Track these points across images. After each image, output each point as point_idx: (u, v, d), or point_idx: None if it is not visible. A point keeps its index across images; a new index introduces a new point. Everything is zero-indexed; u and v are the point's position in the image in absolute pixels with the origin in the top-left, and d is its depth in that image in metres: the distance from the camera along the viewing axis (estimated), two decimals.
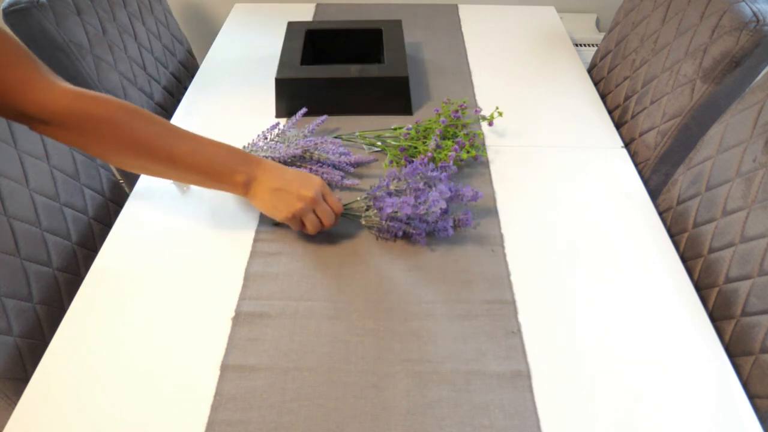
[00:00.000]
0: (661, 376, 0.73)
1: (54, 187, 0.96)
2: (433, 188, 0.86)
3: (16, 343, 0.81)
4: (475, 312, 0.80)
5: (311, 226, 0.85)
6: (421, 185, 0.88)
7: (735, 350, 0.81)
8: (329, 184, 0.99)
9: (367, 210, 0.91)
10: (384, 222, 0.88)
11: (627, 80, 1.28)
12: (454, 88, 1.26)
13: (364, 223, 0.91)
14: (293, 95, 1.16)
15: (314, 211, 0.84)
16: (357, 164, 1.03)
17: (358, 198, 0.92)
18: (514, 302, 0.82)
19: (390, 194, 0.89)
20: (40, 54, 1.10)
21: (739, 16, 1.00)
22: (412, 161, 1.02)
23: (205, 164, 0.79)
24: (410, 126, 1.07)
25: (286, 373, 0.73)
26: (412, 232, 0.88)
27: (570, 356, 0.75)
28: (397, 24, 1.31)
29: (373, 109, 1.17)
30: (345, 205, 0.93)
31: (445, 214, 0.89)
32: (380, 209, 0.88)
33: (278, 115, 1.18)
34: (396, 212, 0.86)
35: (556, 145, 1.11)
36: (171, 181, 1.01)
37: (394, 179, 0.89)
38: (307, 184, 0.82)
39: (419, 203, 0.85)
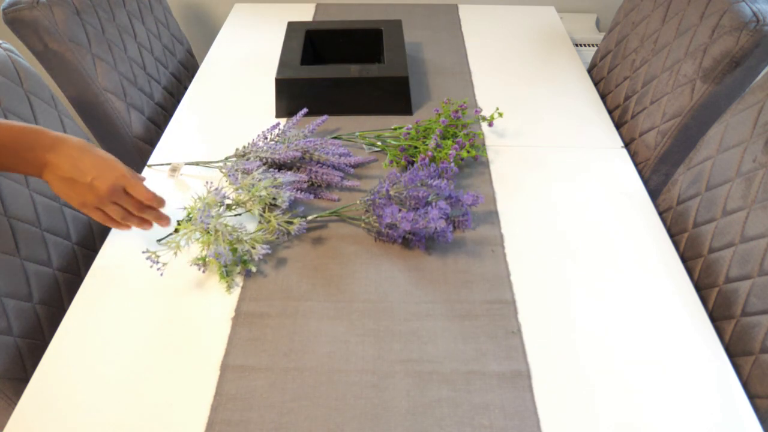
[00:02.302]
0: (661, 376, 0.73)
1: None
2: (433, 204, 0.85)
3: (16, 343, 0.81)
4: (475, 312, 0.80)
5: (115, 215, 0.77)
6: (421, 193, 0.87)
7: (735, 350, 0.81)
8: (329, 185, 0.99)
9: (366, 212, 0.91)
10: (384, 229, 0.88)
11: (627, 80, 1.28)
12: (454, 88, 1.26)
13: (363, 225, 0.91)
14: (293, 95, 1.16)
15: (116, 202, 0.76)
16: (357, 165, 1.03)
17: (358, 201, 0.92)
18: (514, 302, 0.82)
19: (390, 198, 0.88)
20: (40, 54, 1.10)
21: (739, 16, 1.00)
22: (413, 162, 1.02)
23: None
24: (410, 126, 1.06)
25: (286, 373, 0.73)
26: (411, 238, 0.88)
27: (570, 356, 0.75)
28: (397, 24, 1.31)
29: (373, 109, 1.17)
30: (344, 207, 0.93)
31: (445, 220, 0.89)
32: (380, 216, 0.87)
33: (278, 115, 1.18)
34: (395, 223, 0.86)
35: (556, 145, 1.11)
36: (173, 182, 1.01)
37: (394, 184, 0.89)
38: (103, 174, 0.72)
39: (418, 216, 0.84)
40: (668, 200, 1.04)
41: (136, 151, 1.25)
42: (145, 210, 0.78)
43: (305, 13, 1.56)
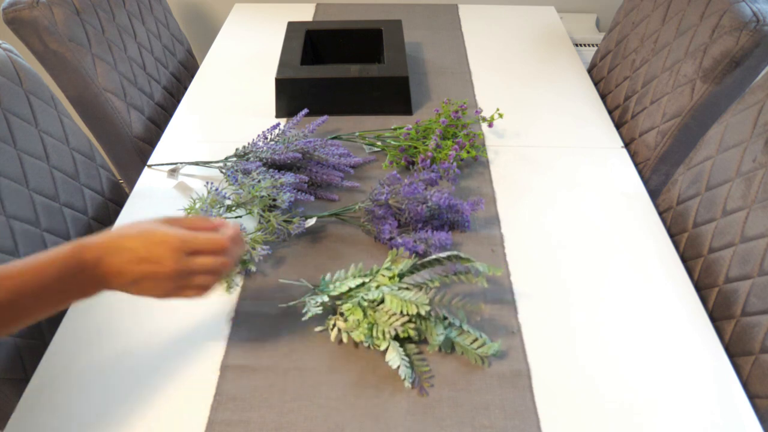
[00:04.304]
0: (661, 376, 0.73)
1: (54, 187, 0.96)
2: (433, 232, 0.84)
3: (16, 343, 0.81)
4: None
5: (205, 282, 0.64)
6: (420, 209, 0.86)
7: (735, 350, 0.81)
8: (329, 185, 0.98)
9: (366, 220, 0.90)
10: (383, 242, 0.88)
11: (627, 80, 1.27)
12: (454, 88, 1.26)
13: (362, 228, 0.91)
14: (293, 95, 1.15)
15: (194, 273, 0.62)
16: (357, 165, 1.02)
17: (357, 205, 0.91)
18: (514, 302, 0.82)
19: (389, 207, 0.88)
20: (40, 54, 1.10)
21: (739, 16, 1.00)
22: (413, 162, 1.02)
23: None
24: (410, 126, 1.06)
25: (286, 373, 0.73)
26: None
27: (570, 356, 0.75)
28: (397, 24, 1.31)
29: (373, 109, 1.17)
30: (344, 210, 0.93)
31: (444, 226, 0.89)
32: (379, 231, 0.87)
33: (278, 115, 1.18)
34: (393, 237, 0.86)
35: (555, 146, 1.11)
36: (172, 183, 1.01)
37: (393, 194, 0.88)
38: (157, 258, 0.60)
39: (419, 241, 0.83)
40: (668, 200, 1.04)
41: (136, 151, 1.25)
42: (222, 251, 0.64)
43: (305, 13, 1.56)
